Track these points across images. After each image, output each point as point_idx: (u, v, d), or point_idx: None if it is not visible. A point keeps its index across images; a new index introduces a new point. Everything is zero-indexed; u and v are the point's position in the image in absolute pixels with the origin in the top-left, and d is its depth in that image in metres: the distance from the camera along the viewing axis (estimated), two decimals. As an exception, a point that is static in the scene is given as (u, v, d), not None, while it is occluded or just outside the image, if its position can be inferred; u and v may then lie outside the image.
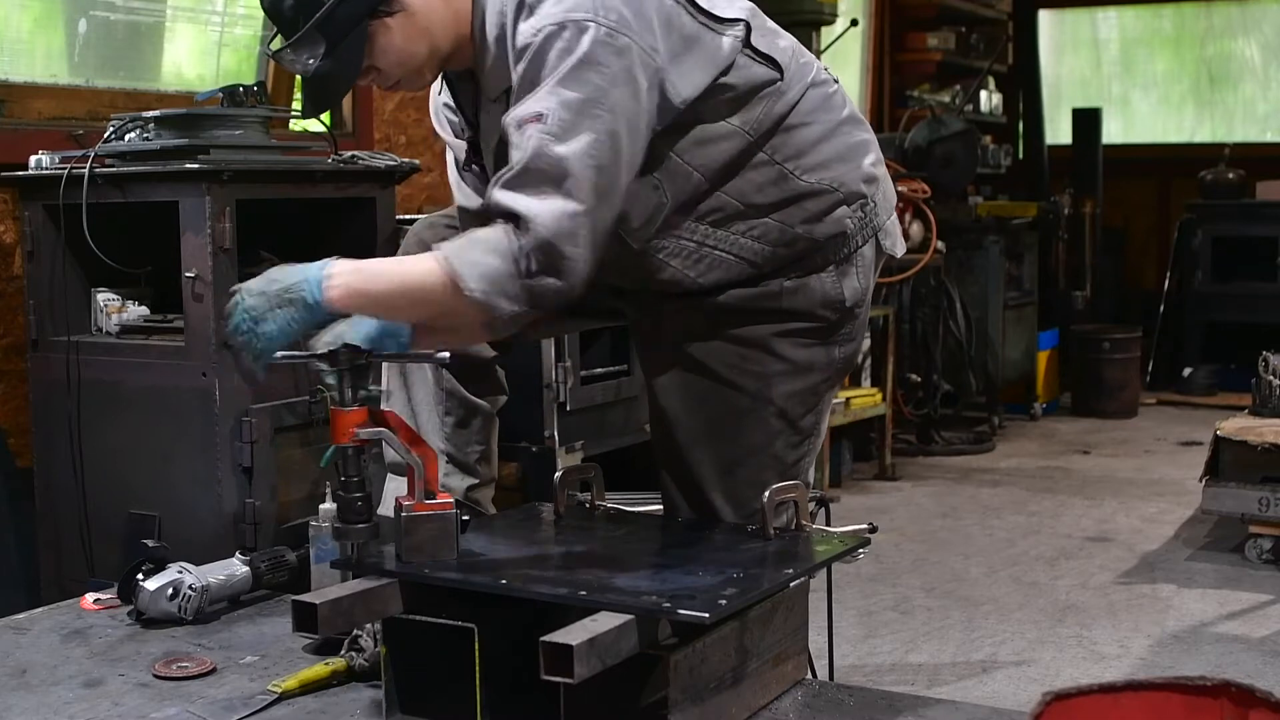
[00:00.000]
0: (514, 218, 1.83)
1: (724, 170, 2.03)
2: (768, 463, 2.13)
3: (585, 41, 1.83)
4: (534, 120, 1.83)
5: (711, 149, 2.01)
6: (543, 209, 1.81)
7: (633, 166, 1.91)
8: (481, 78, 2.01)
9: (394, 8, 1.92)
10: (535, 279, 1.83)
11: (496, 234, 1.84)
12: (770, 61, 2.03)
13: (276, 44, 1.98)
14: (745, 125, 2.02)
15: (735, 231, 2.05)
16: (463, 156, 2.17)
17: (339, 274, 1.86)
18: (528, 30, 1.87)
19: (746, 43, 2.00)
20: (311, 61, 1.92)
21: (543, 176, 1.82)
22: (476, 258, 1.83)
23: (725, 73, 1.98)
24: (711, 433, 2.12)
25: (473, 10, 1.97)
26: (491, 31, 1.96)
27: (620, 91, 1.85)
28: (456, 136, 2.17)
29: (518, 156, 1.84)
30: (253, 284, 1.88)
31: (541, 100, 1.84)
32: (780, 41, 2.09)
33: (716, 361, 2.10)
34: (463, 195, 2.21)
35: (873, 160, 2.14)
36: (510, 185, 1.84)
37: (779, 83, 2.04)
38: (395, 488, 2.31)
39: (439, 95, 2.21)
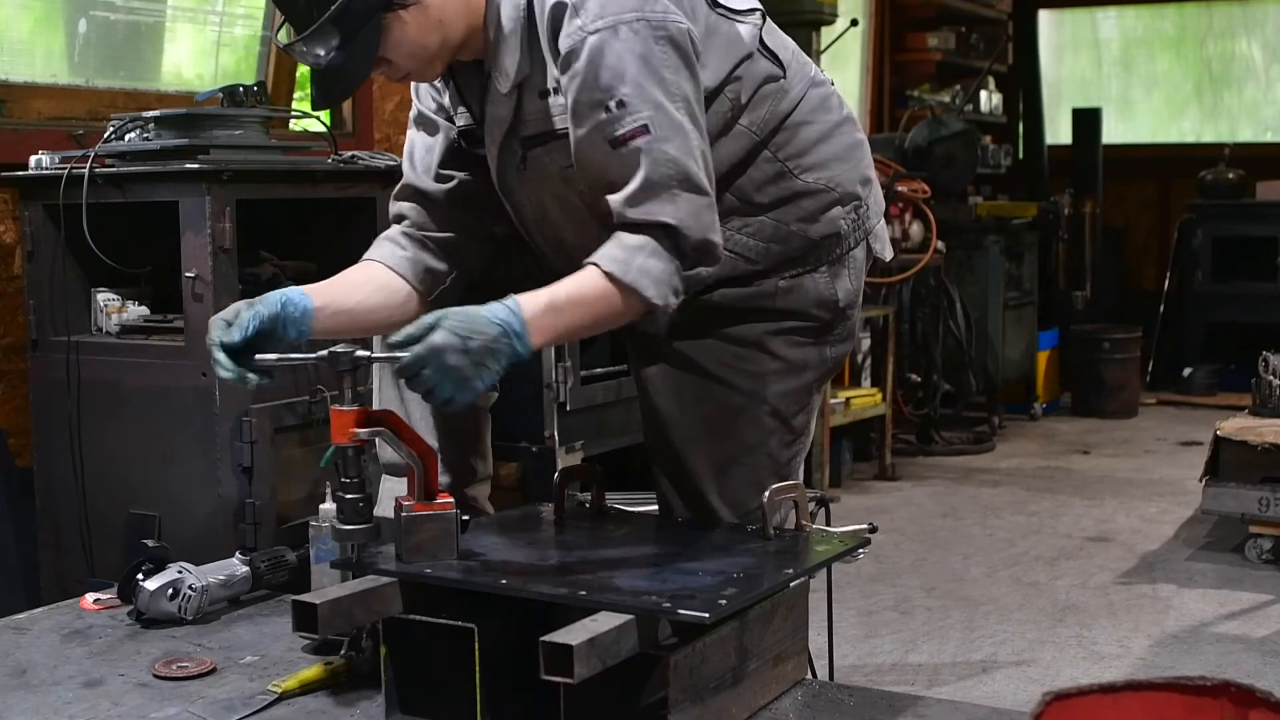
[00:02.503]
0: (662, 228, 1.88)
1: (730, 171, 2.05)
2: (763, 461, 2.13)
3: (644, 39, 1.86)
4: (640, 134, 1.86)
5: (720, 150, 2.02)
6: (684, 212, 1.88)
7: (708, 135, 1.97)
8: (493, 69, 2.00)
9: (408, 0, 1.92)
10: (693, 269, 1.92)
11: (645, 239, 1.89)
12: (774, 58, 2.06)
13: (284, 36, 1.96)
14: (752, 125, 2.05)
15: (731, 227, 2.06)
16: (445, 140, 2.17)
17: (532, 319, 1.85)
18: (575, 32, 1.88)
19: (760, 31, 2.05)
20: (324, 54, 1.91)
21: (668, 182, 1.87)
22: (644, 265, 1.88)
23: (742, 62, 2.01)
24: (707, 432, 2.12)
25: (485, 4, 1.97)
26: (508, 24, 1.96)
27: (685, 74, 1.90)
28: (447, 120, 2.17)
29: (626, 172, 1.88)
30: (444, 341, 1.78)
31: (635, 110, 1.86)
32: (780, 40, 2.12)
33: (711, 360, 2.10)
34: (421, 176, 2.19)
35: (868, 162, 2.17)
36: (640, 200, 1.88)
37: (782, 80, 2.06)
38: (391, 488, 2.31)
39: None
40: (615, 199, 1.90)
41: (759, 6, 2.08)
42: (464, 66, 2.08)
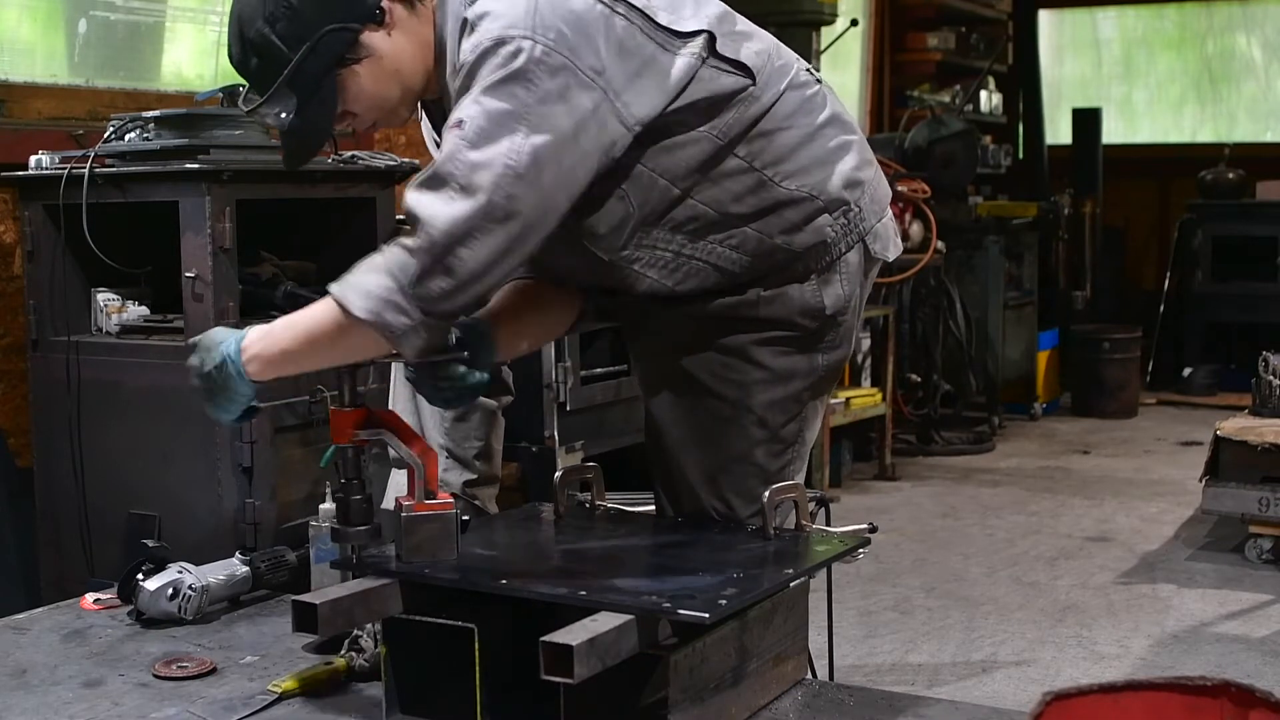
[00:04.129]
0: (415, 220, 1.82)
1: (693, 174, 1.98)
2: (750, 471, 2.11)
3: (519, 58, 1.81)
4: (454, 127, 1.82)
5: (678, 154, 1.96)
6: (441, 211, 1.79)
7: (570, 184, 1.86)
8: (447, 106, 2.00)
9: (360, 54, 1.91)
10: (422, 284, 1.79)
11: (381, 254, 1.84)
12: (740, 68, 1.98)
13: (249, 100, 1.95)
14: (714, 130, 1.98)
15: (712, 241, 2.02)
16: None
17: (249, 346, 1.86)
18: (467, 48, 1.86)
19: (712, 53, 1.95)
20: (285, 116, 1.91)
21: (451, 179, 1.80)
22: (358, 280, 1.82)
23: (683, 91, 1.94)
24: (697, 440, 2.11)
25: (435, 42, 1.96)
26: (450, 61, 1.94)
27: (550, 109, 1.81)
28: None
29: (435, 161, 1.85)
30: (191, 363, 1.89)
31: (464, 109, 1.83)
32: (752, 45, 2.03)
33: (701, 369, 2.09)
34: None
35: (856, 164, 2.08)
36: (420, 187, 1.83)
37: (750, 88, 1.99)
38: (400, 482, 2.31)
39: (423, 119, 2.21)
40: (411, 182, 1.87)
41: (705, 28, 1.97)
42: (433, 104, 2.07)
